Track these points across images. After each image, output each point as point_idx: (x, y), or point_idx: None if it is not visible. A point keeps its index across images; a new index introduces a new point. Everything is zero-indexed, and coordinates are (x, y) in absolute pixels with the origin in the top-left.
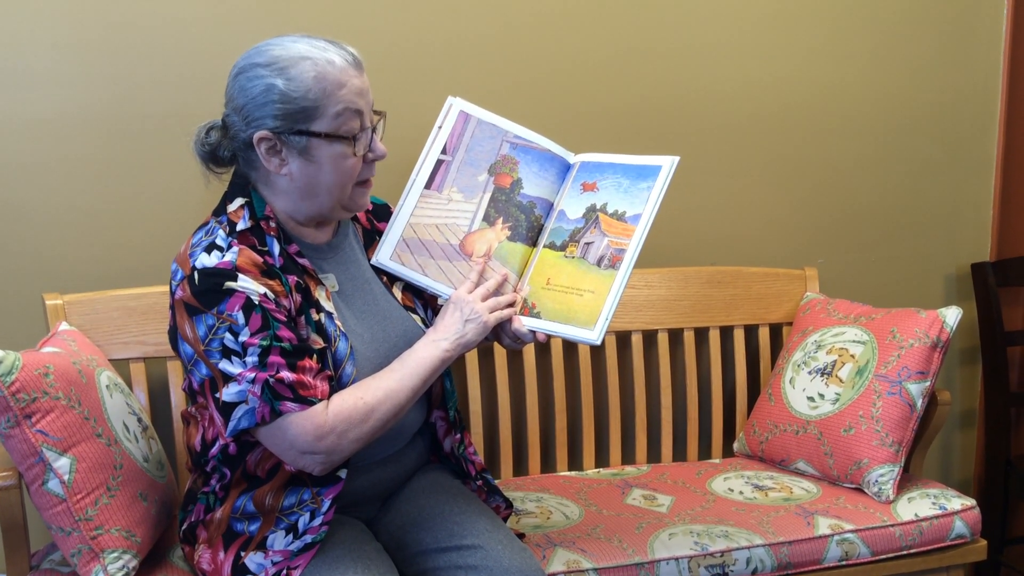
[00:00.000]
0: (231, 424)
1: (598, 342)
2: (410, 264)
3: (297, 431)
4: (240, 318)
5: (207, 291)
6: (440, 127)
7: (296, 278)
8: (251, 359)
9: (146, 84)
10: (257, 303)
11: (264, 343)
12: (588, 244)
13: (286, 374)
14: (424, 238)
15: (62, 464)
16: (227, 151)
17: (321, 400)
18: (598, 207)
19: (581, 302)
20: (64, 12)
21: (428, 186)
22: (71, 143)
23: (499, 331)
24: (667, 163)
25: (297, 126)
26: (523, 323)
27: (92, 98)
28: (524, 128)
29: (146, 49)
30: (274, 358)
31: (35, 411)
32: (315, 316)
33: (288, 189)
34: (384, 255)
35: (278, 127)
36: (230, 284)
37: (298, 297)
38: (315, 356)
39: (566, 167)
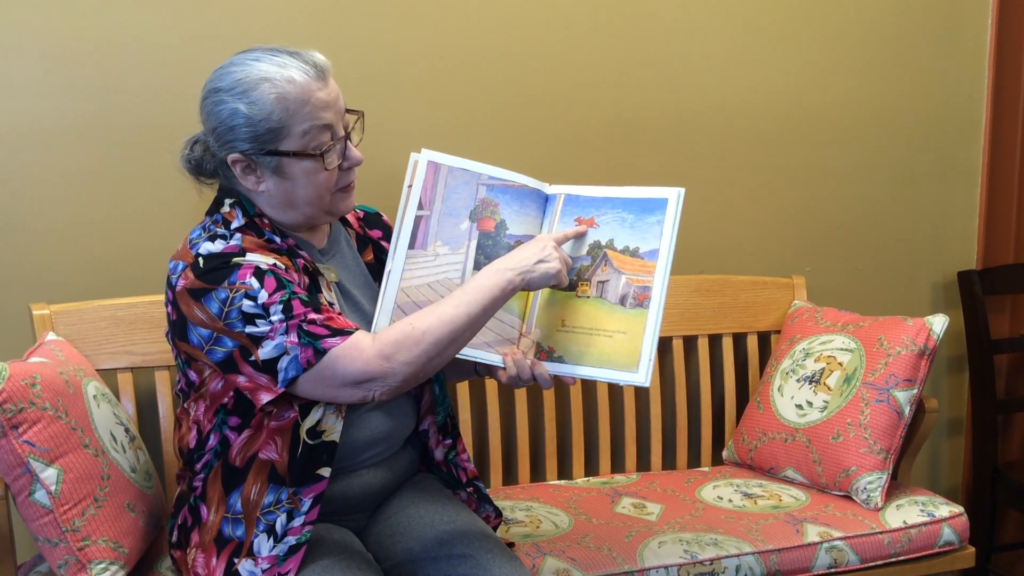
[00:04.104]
0: (280, 376)
1: (647, 384)
2: None
3: (346, 363)
4: (254, 283)
5: (214, 269)
6: (411, 185)
7: (303, 261)
8: (275, 316)
9: (134, 94)
10: (267, 269)
11: (284, 298)
12: (603, 283)
13: (315, 315)
14: (418, 300)
15: (49, 475)
16: (210, 165)
17: (357, 330)
18: (603, 243)
19: (612, 344)
20: (52, 22)
21: (411, 246)
22: (59, 153)
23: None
24: (673, 195)
25: (266, 147)
26: (546, 368)
27: (80, 108)
28: (496, 168)
29: (134, 60)
30: (298, 307)
31: (22, 421)
32: (322, 300)
33: (269, 202)
34: (382, 326)
35: (248, 149)
36: (238, 259)
37: (306, 279)
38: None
39: (543, 199)
